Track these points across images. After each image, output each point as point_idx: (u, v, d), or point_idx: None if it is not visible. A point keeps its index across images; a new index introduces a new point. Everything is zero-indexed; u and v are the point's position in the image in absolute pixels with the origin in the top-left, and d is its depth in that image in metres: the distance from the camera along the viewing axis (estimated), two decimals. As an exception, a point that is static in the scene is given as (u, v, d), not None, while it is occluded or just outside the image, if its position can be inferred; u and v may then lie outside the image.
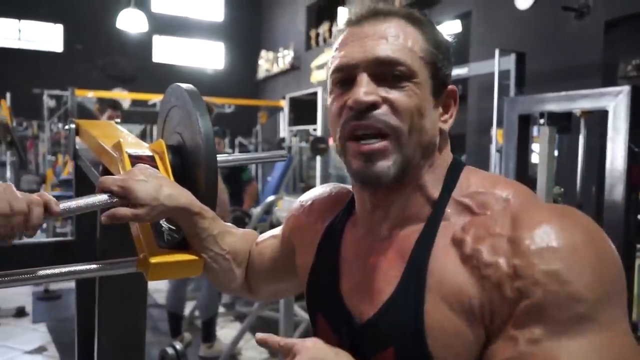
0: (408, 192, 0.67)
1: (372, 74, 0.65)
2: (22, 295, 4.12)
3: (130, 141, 1.08)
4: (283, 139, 7.82)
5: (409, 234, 0.67)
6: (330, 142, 4.06)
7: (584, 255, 0.54)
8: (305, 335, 3.23)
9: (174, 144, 1.00)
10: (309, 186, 6.96)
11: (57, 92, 7.29)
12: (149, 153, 0.96)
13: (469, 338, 0.58)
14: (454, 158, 0.71)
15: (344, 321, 0.70)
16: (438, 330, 0.59)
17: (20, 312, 3.79)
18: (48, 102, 7.31)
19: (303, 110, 7.92)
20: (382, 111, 0.64)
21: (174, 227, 0.83)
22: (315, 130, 6.51)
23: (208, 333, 3.26)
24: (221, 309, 3.87)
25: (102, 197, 0.73)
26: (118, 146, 0.96)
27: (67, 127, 1.35)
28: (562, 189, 2.06)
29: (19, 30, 10.46)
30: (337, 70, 0.68)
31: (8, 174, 6.32)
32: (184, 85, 0.97)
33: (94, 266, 0.76)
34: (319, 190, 0.87)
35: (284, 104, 8.61)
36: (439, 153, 0.69)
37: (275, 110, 9.65)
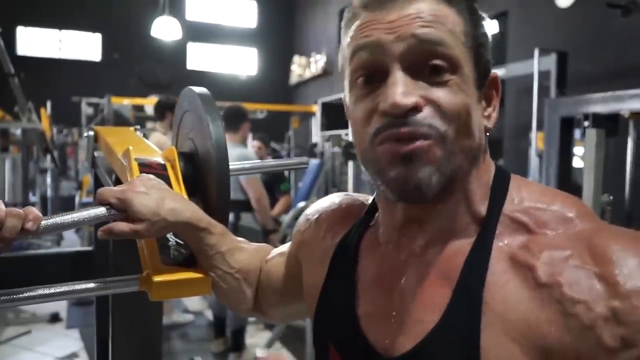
0: (452, 204, 0.57)
1: (408, 65, 0.53)
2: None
3: (143, 148, 1.02)
4: (315, 144, 7.77)
5: (452, 253, 0.56)
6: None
7: None
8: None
9: (187, 151, 0.94)
10: (341, 191, 6.86)
11: (94, 99, 7.45)
12: (161, 161, 0.91)
13: None
14: (497, 166, 0.61)
15: (362, 353, 0.59)
16: None
17: (54, 318, 3.83)
18: (86, 110, 7.48)
19: (335, 115, 7.84)
20: (426, 114, 0.52)
21: (182, 242, 0.77)
22: (347, 135, 6.42)
23: (237, 343, 3.22)
24: (251, 318, 3.83)
25: (100, 210, 0.66)
26: (127, 153, 0.91)
27: (85, 134, 1.31)
28: (612, 197, 1.91)
29: (60, 40, 10.80)
30: (357, 57, 0.55)
31: (48, 180, 6.49)
32: (196, 89, 0.91)
33: (91, 285, 0.69)
34: (327, 202, 0.77)
35: (316, 109, 8.56)
36: (486, 159, 0.59)
37: (307, 116, 9.62)
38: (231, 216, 3.00)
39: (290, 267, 0.78)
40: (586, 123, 2.05)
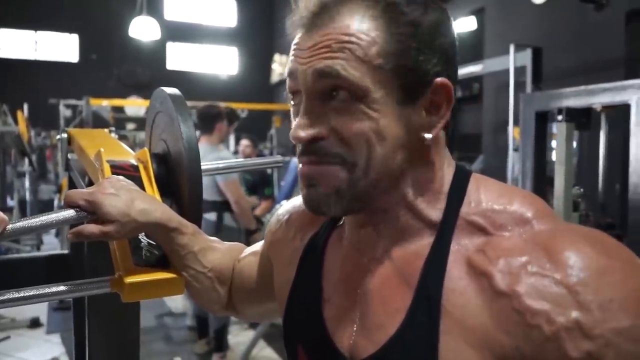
0: (394, 213, 0.57)
1: (316, 94, 0.55)
2: (37, 305, 4.13)
3: (116, 150, 1.02)
4: (297, 143, 7.78)
5: (411, 256, 0.56)
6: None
7: None
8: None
9: (160, 152, 0.94)
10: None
11: (73, 101, 7.35)
12: (133, 162, 0.90)
13: None
14: (457, 167, 0.60)
15: (329, 356, 0.60)
16: None
17: (34, 323, 3.78)
18: (64, 112, 7.37)
19: (317, 113, 7.86)
20: (331, 142, 0.55)
21: (154, 243, 0.77)
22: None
23: (219, 343, 3.21)
24: (234, 317, 3.82)
25: (69, 213, 0.66)
26: (99, 155, 0.90)
27: (58, 136, 1.30)
28: (582, 190, 1.94)
29: (36, 42, 10.63)
30: (287, 80, 0.60)
31: (27, 183, 6.38)
32: (167, 89, 0.91)
33: (61, 288, 0.69)
34: (298, 201, 0.76)
35: (298, 107, 8.56)
36: (434, 165, 0.58)
37: (289, 114, 9.62)
38: (214, 216, 3.00)
39: (263, 267, 0.79)
40: (559, 117, 2.09)
